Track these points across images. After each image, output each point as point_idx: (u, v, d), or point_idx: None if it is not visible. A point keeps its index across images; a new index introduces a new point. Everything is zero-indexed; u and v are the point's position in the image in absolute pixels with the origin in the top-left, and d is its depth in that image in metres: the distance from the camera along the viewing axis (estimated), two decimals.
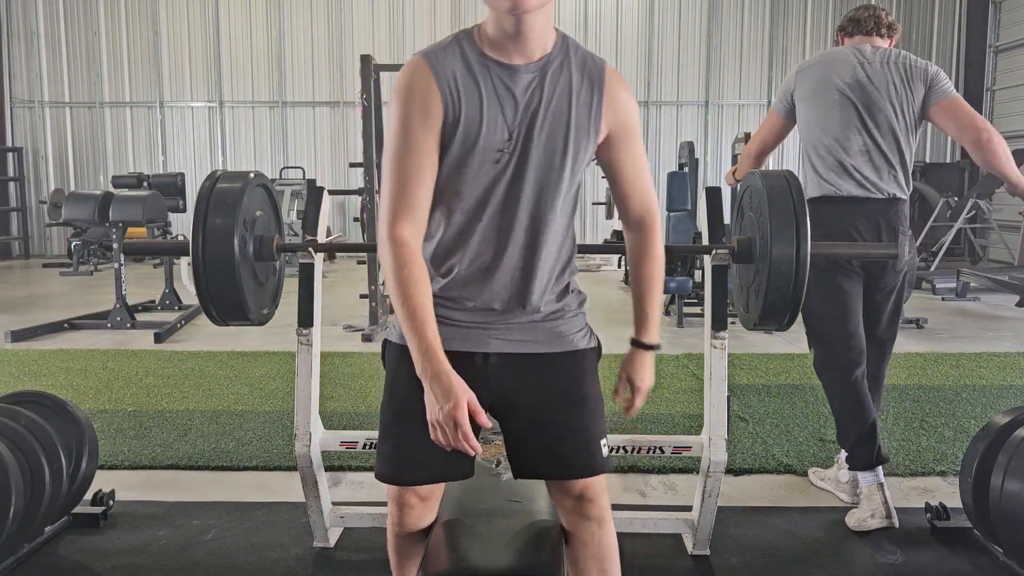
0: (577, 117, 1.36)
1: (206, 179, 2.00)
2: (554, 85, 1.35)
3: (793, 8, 10.86)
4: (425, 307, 1.31)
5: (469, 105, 1.33)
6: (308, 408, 2.11)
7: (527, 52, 1.33)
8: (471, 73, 1.33)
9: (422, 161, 1.33)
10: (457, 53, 1.34)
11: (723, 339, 2.07)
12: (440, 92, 1.32)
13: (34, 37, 11.06)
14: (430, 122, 1.32)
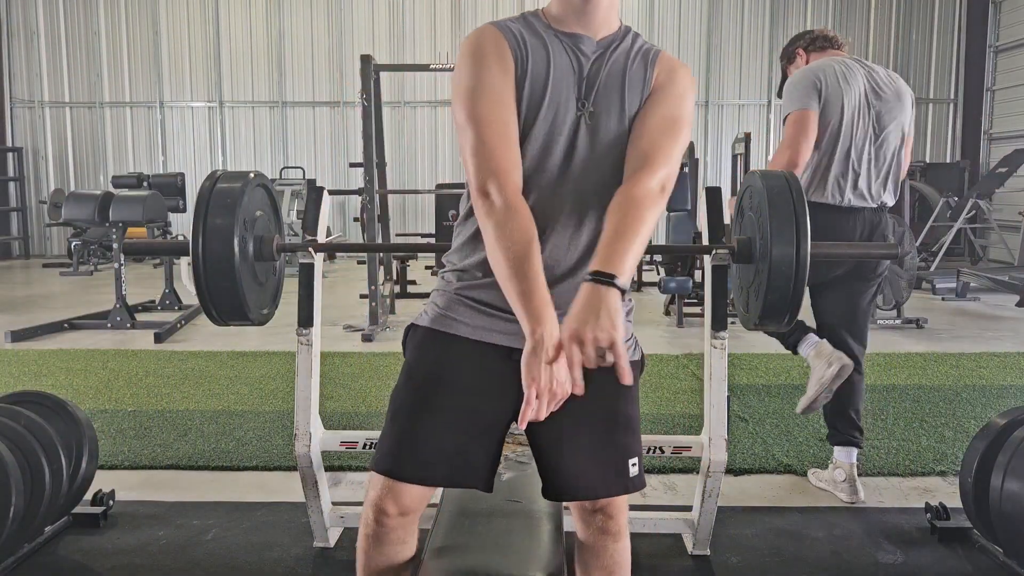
0: (630, 94, 1.35)
1: (206, 179, 2.00)
2: (611, 61, 1.35)
3: (793, 8, 10.86)
4: (536, 261, 1.18)
5: (536, 62, 1.32)
6: (308, 408, 2.11)
7: (592, 28, 1.35)
8: (538, 37, 1.35)
9: (504, 107, 1.28)
10: (522, 23, 1.36)
11: (723, 339, 2.07)
12: (510, 46, 1.32)
13: (34, 37, 11.06)
14: (505, 69, 1.30)
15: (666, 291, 5.85)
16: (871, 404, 3.74)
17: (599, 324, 1.08)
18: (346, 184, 10.56)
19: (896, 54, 10.92)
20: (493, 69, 1.29)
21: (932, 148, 11.10)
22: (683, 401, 3.84)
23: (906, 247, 5.50)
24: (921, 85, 11.01)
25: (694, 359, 4.68)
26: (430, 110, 11.03)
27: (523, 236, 1.19)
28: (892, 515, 2.52)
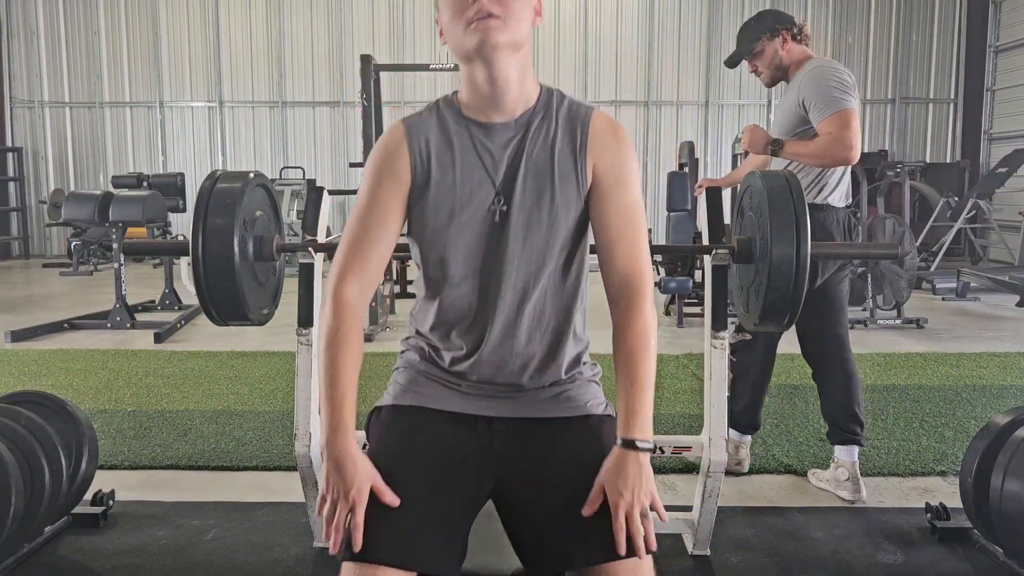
0: (561, 168, 1.30)
1: (206, 179, 2.00)
2: (536, 139, 1.31)
3: (793, 8, 10.86)
4: (350, 377, 1.27)
5: (440, 166, 1.32)
6: (308, 408, 2.11)
7: (506, 109, 1.30)
8: (446, 134, 1.33)
9: (382, 220, 1.32)
10: (435, 116, 1.35)
11: (723, 339, 2.07)
12: (409, 154, 1.33)
13: (34, 37, 11.06)
14: (396, 183, 1.32)
15: (666, 291, 5.86)
16: (871, 404, 3.73)
17: (643, 490, 1.18)
18: (346, 184, 10.56)
19: (896, 54, 10.92)
20: (385, 185, 1.32)
21: (932, 148, 11.10)
22: (683, 401, 3.84)
23: (906, 247, 5.50)
24: (921, 85, 11.01)
25: (694, 359, 4.68)
26: None
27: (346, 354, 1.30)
28: (892, 515, 2.51)
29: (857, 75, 10.93)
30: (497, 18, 1.19)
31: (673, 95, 10.94)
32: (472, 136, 1.31)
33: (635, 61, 10.88)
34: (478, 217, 1.31)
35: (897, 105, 10.97)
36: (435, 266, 1.35)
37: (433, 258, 1.34)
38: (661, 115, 10.98)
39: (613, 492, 1.17)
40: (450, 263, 1.33)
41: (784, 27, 2.72)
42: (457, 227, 1.31)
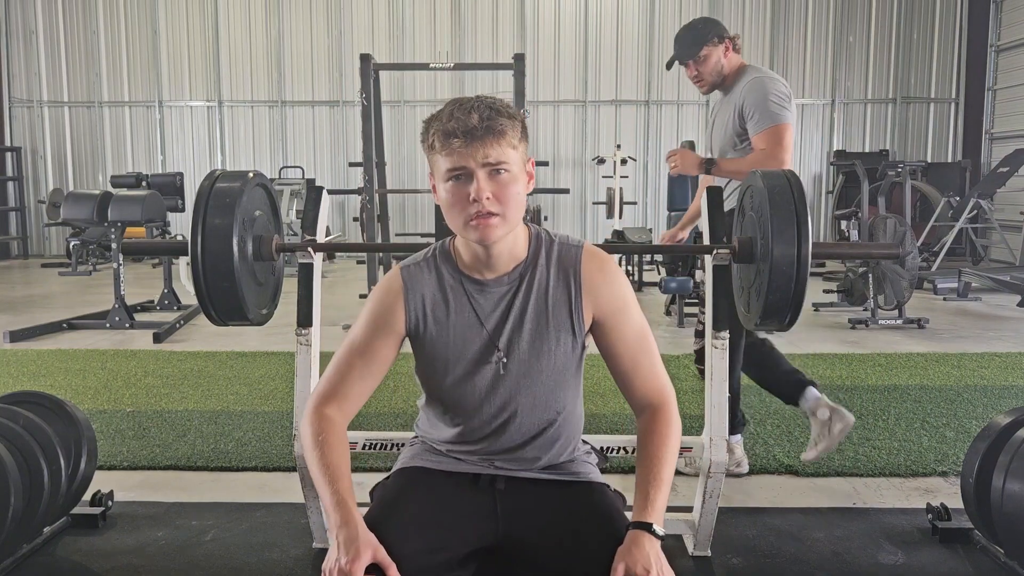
0: (556, 315, 1.38)
1: (205, 179, 1.99)
2: (530, 290, 1.39)
3: (793, 8, 10.85)
4: (341, 466, 1.30)
5: (436, 322, 1.40)
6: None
7: (499, 268, 1.38)
8: (442, 289, 1.40)
9: (370, 362, 1.39)
10: (432, 269, 1.42)
11: (724, 339, 2.06)
12: (405, 309, 1.40)
13: (32, 37, 11.05)
14: (391, 334, 1.40)
15: (667, 291, 5.85)
16: (872, 404, 3.73)
17: (663, 571, 1.21)
18: (346, 184, 10.56)
19: (897, 54, 10.91)
20: (378, 333, 1.40)
21: (933, 148, 11.09)
22: (684, 401, 3.83)
23: (907, 247, 5.50)
24: (922, 85, 11.01)
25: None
26: (430, 109, 10.85)
27: (334, 450, 1.31)
28: (893, 516, 2.51)
29: (858, 75, 10.94)
30: (497, 216, 1.28)
31: (673, 95, 10.94)
32: (467, 292, 1.39)
33: (635, 61, 10.88)
34: (475, 371, 1.39)
35: (898, 104, 10.97)
36: (454, 402, 1.43)
37: (452, 397, 1.43)
38: (661, 115, 10.97)
39: (636, 567, 1.20)
40: (451, 409, 1.43)
41: (728, 36, 2.79)
42: (453, 380, 1.40)
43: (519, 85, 5.18)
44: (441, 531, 1.33)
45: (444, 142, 1.26)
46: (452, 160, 1.27)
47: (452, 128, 1.25)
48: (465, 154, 1.25)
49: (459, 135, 1.25)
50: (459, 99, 1.31)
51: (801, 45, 10.92)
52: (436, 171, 1.32)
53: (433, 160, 1.31)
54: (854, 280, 6.05)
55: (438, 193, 1.33)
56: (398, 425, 3.44)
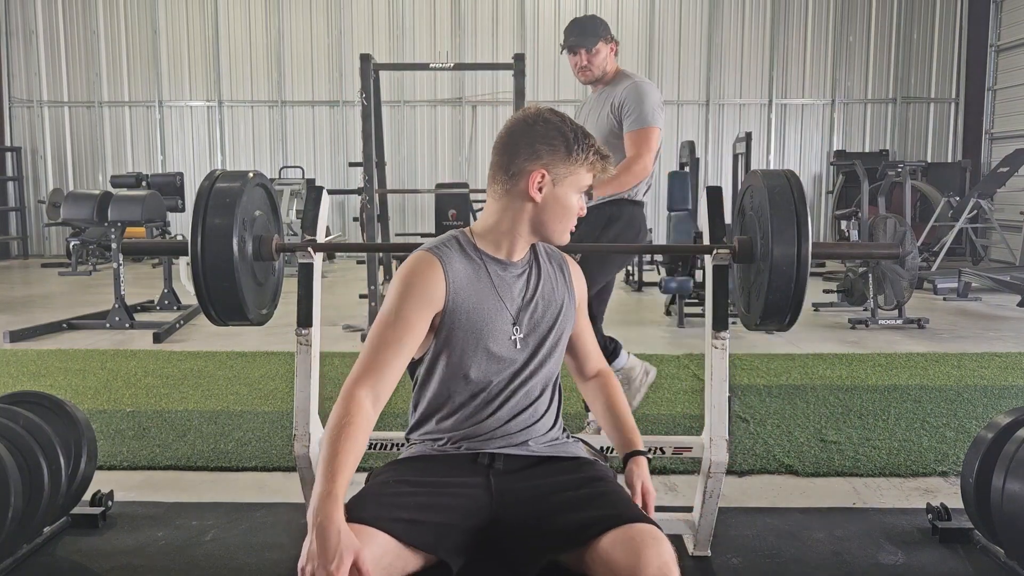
0: (556, 298, 1.59)
1: (205, 179, 1.99)
2: (539, 275, 1.58)
3: (793, 8, 10.85)
4: (348, 462, 1.31)
5: (468, 295, 1.48)
6: (307, 408, 2.10)
7: (517, 253, 1.55)
8: (470, 268, 1.51)
9: (404, 335, 1.43)
10: (456, 249, 1.52)
11: (724, 339, 2.06)
12: (446, 281, 1.47)
13: (32, 37, 11.05)
14: (428, 305, 1.45)
15: (667, 291, 5.85)
16: (872, 404, 3.73)
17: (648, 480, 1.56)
18: (345, 184, 10.56)
19: (897, 54, 10.92)
20: (413, 303, 1.45)
21: (933, 148, 11.09)
22: (684, 402, 3.83)
23: (907, 247, 5.50)
24: (922, 85, 11.01)
25: (695, 359, 4.67)
26: (430, 110, 11.02)
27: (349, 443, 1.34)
28: (893, 515, 2.51)
29: (858, 75, 10.95)
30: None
31: (674, 95, 10.94)
32: (490, 272, 1.52)
33: (635, 61, 10.87)
34: (499, 342, 1.50)
35: (898, 104, 10.97)
36: (455, 380, 1.50)
37: (457, 374, 1.50)
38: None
39: (647, 482, 1.55)
40: (472, 380, 1.50)
41: (613, 40, 3.03)
42: (484, 352, 1.49)
43: (519, 85, 5.17)
44: (432, 506, 1.37)
45: (599, 164, 1.49)
46: (591, 178, 1.50)
47: (604, 153, 1.49)
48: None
49: (603, 161, 1.49)
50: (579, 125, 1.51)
51: (801, 45, 10.92)
52: (571, 181, 1.48)
53: (575, 172, 1.47)
54: (854, 280, 6.06)
55: (555, 198, 1.48)
56: (398, 425, 3.44)
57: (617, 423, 1.64)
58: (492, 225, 1.52)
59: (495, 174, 1.51)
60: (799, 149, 11.08)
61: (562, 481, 1.45)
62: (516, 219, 1.50)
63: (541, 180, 1.46)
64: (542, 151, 1.46)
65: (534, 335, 1.54)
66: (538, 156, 1.46)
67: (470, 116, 10.97)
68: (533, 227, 1.51)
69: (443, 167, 11.02)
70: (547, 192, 1.47)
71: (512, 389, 1.52)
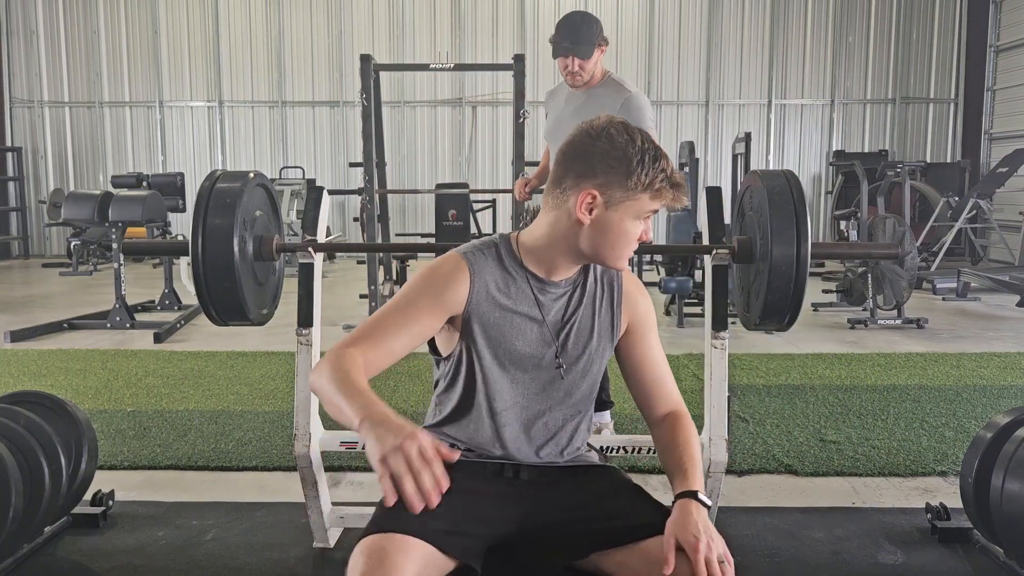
0: (602, 320, 1.48)
1: (206, 179, 2.00)
2: (583, 295, 1.47)
3: (793, 8, 10.86)
4: (364, 382, 1.24)
5: (498, 308, 1.40)
6: (308, 408, 2.11)
7: (562, 273, 1.44)
8: (505, 281, 1.41)
9: (408, 322, 1.35)
10: (495, 259, 1.42)
11: (724, 339, 2.06)
12: (470, 291, 1.38)
13: (33, 37, 11.05)
14: (441, 305, 1.37)
15: (666, 291, 5.85)
16: (871, 404, 3.74)
17: (715, 536, 1.26)
18: (346, 184, 10.55)
19: (896, 54, 10.92)
20: (426, 302, 1.37)
21: (933, 148, 11.09)
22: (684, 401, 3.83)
23: (906, 247, 5.50)
24: (921, 85, 11.01)
25: (695, 359, 4.68)
26: (430, 110, 11.02)
27: (356, 373, 1.24)
28: (892, 515, 2.51)
29: (857, 75, 10.95)
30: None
31: (673, 95, 10.94)
32: (532, 287, 1.42)
33: (634, 61, 10.88)
34: (525, 361, 1.43)
35: (897, 105, 10.97)
36: (479, 391, 1.43)
37: (481, 386, 1.43)
38: (662, 115, 10.97)
39: (688, 538, 1.24)
40: (495, 399, 1.43)
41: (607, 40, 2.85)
42: (509, 369, 1.42)
43: (519, 85, 5.18)
44: (465, 515, 1.33)
45: (669, 193, 1.33)
46: (656, 205, 1.35)
47: (676, 181, 1.33)
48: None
49: (675, 190, 1.34)
50: (656, 145, 1.35)
51: (801, 45, 10.92)
52: (628, 207, 1.33)
53: (635, 198, 1.33)
54: (853, 280, 6.06)
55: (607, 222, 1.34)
56: None
57: (673, 462, 1.43)
58: (536, 238, 1.41)
59: (551, 185, 1.39)
60: (798, 149, 11.08)
61: (596, 489, 1.43)
62: (561, 238, 1.38)
63: (592, 201, 1.32)
64: (598, 170, 1.32)
65: (566, 358, 1.45)
66: (592, 175, 1.32)
67: (470, 116, 10.97)
68: (582, 248, 1.37)
69: (443, 167, 11.02)
70: (598, 215, 1.33)
71: (539, 411, 1.46)
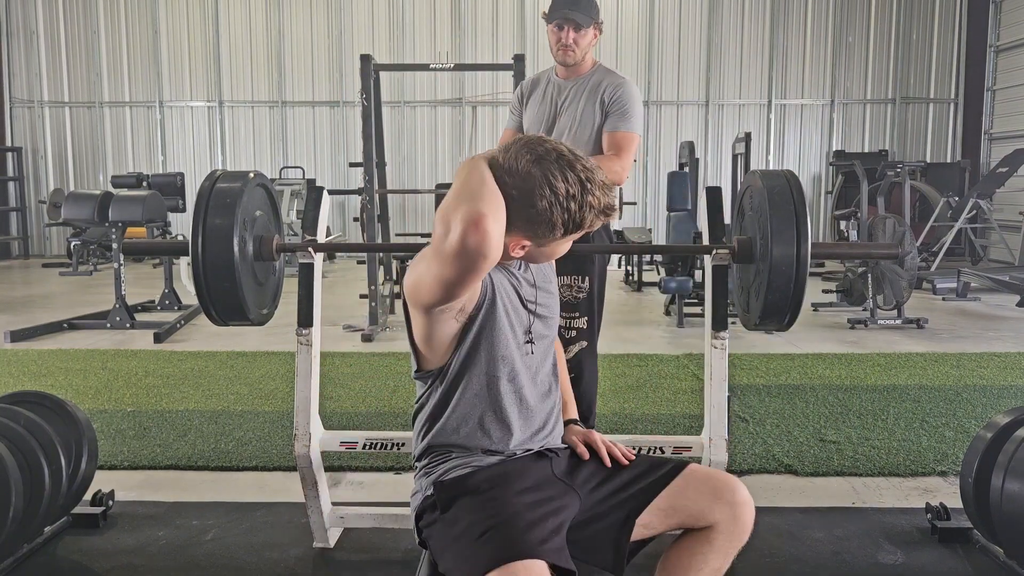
0: (552, 277, 1.62)
1: (206, 179, 2.00)
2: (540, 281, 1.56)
3: (793, 8, 10.85)
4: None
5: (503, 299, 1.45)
6: (308, 408, 2.11)
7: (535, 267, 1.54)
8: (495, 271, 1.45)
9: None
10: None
11: (724, 339, 2.06)
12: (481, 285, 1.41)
13: (33, 37, 11.05)
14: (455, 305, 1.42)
15: (666, 291, 5.85)
16: (871, 404, 3.74)
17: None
18: (346, 184, 10.55)
19: (896, 54, 10.92)
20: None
21: (933, 148, 11.09)
22: (683, 401, 3.83)
23: (906, 247, 5.50)
24: (921, 85, 11.01)
25: (694, 359, 4.68)
26: (430, 110, 11.02)
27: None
28: (892, 515, 2.51)
29: (857, 75, 10.95)
30: None
31: (673, 95, 10.94)
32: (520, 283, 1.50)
33: (634, 61, 10.87)
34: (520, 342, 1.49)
35: (897, 105, 10.97)
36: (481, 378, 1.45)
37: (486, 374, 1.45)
38: (661, 115, 10.97)
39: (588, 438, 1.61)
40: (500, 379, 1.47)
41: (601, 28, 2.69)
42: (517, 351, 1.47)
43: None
44: (556, 522, 1.36)
45: (600, 221, 1.36)
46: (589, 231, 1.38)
47: (605, 209, 1.34)
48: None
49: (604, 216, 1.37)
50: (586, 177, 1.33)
51: (801, 45, 10.92)
52: (558, 243, 1.37)
53: (566, 240, 1.37)
54: (853, 280, 6.06)
55: (539, 252, 1.39)
56: (398, 425, 3.44)
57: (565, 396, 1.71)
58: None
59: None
60: (798, 149, 11.08)
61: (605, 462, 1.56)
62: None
63: (525, 245, 1.36)
64: (536, 226, 1.31)
65: (542, 335, 1.55)
66: (528, 227, 1.31)
67: (470, 116, 10.97)
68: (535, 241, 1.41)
69: (443, 167, 11.02)
70: (530, 251, 1.38)
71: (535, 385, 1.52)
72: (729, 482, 1.53)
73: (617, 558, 1.44)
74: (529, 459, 1.50)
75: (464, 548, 1.28)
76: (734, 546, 1.51)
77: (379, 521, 2.26)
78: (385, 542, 2.31)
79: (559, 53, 2.63)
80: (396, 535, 2.32)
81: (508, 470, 1.45)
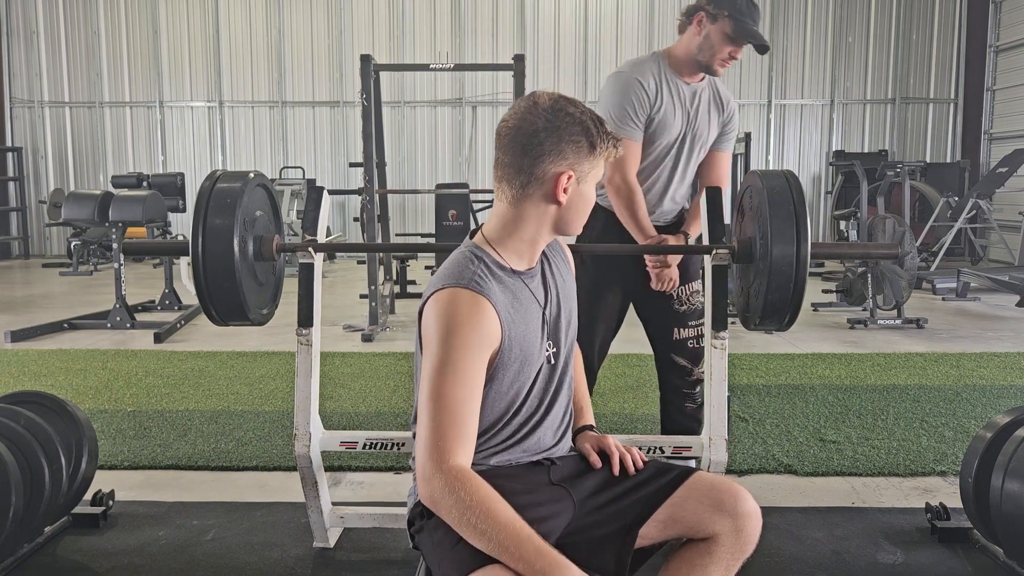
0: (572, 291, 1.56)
1: (206, 179, 2.00)
2: (551, 273, 1.51)
3: (793, 8, 10.86)
4: (517, 518, 1.22)
5: (514, 323, 1.40)
6: (308, 408, 2.11)
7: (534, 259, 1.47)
8: (508, 292, 1.40)
9: (476, 388, 1.32)
10: (490, 276, 1.38)
11: (724, 339, 2.07)
12: (501, 324, 1.37)
13: (33, 37, 11.06)
14: (488, 350, 1.35)
15: None
16: (871, 404, 3.74)
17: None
18: (346, 184, 10.56)
19: (896, 54, 10.92)
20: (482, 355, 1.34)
21: (932, 148, 11.10)
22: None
23: (906, 247, 5.50)
24: (921, 85, 11.01)
25: None
26: (430, 110, 11.02)
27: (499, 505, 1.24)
28: (892, 515, 2.51)
29: (857, 75, 10.95)
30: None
31: None
32: (528, 286, 1.44)
33: None
34: (540, 362, 1.46)
35: (897, 105, 10.97)
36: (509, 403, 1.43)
37: (502, 403, 1.42)
38: None
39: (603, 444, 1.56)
40: (516, 403, 1.44)
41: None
42: (526, 374, 1.43)
43: (519, 86, 5.18)
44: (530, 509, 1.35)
45: (614, 152, 1.39)
46: (607, 162, 1.42)
47: (618, 139, 1.39)
48: None
49: (617, 148, 1.40)
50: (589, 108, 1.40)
51: (801, 45, 10.92)
52: (593, 175, 1.39)
53: (598, 165, 1.39)
54: (853, 280, 6.06)
55: (579, 196, 1.39)
56: (398, 425, 3.45)
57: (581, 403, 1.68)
58: (512, 234, 1.41)
59: (508, 175, 1.37)
60: (798, 149, 11.09)
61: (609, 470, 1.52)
62: (539, 224, 1.40)
63: (568, 181, 1.35)
64: (567, 150, 1.34)
65: (564, 346, 1.51)
66: (563, 156, 1.34)
67: (470, 116, 10.97)
68: (554, 227, 1.42)
69: (443, 167, 11.03)
70: (572, 192, 1.37)
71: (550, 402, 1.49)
72: (733, 492, 1.45)
73: (619, 569, 1.41)
74: (523, 466, 1.47)
75: (445, 552, 1.29)
76: (737, 558, 1.47)
77: (379, 521, 2.26)
78: (385, 542, 2.32)
79: (720, 66, 2.36)
80: (396, 535, 2.33)
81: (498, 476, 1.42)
